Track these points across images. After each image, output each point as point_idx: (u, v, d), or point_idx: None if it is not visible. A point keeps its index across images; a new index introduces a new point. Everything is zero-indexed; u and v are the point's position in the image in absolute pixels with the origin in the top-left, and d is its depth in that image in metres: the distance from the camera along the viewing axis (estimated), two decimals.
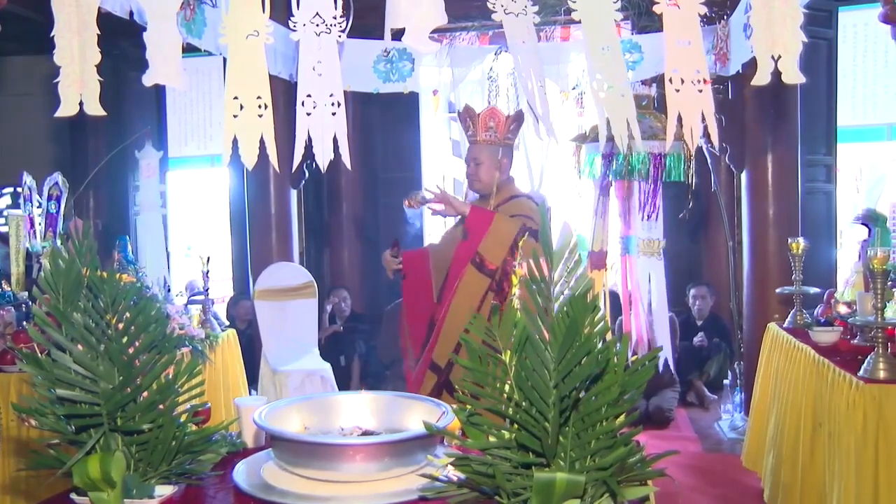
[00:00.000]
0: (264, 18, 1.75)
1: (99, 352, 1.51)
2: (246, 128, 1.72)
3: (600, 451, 1.34)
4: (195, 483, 1.64)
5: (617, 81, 1.74)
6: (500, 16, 2.00)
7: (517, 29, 1.99)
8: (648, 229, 4.84)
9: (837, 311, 3.54)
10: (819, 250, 5.15)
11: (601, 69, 1.74)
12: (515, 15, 1.97)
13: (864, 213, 3.84)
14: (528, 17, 2.01)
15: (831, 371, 2.91)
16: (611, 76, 1.73)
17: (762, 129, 4.90)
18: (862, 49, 5.60)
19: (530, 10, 2.01)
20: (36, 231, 4.08)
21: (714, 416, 5.22)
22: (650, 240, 4.85)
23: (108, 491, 1.45)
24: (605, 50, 1.74)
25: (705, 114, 1.57)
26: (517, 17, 1.98)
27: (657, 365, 3.65)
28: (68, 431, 1.52)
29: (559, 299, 1.38)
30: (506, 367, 1.39)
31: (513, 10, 1.97)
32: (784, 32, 1.54)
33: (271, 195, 5.42)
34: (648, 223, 4.82)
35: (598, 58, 1.75)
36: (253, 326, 5.20)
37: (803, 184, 5.07)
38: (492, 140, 3.22)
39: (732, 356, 5.44)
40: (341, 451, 1.59)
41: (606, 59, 1.73)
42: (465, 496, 1.43)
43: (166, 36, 1.82)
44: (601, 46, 1.74)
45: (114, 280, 1.57)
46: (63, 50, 1.75)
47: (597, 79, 1.76)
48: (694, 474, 4.13)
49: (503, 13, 1.99)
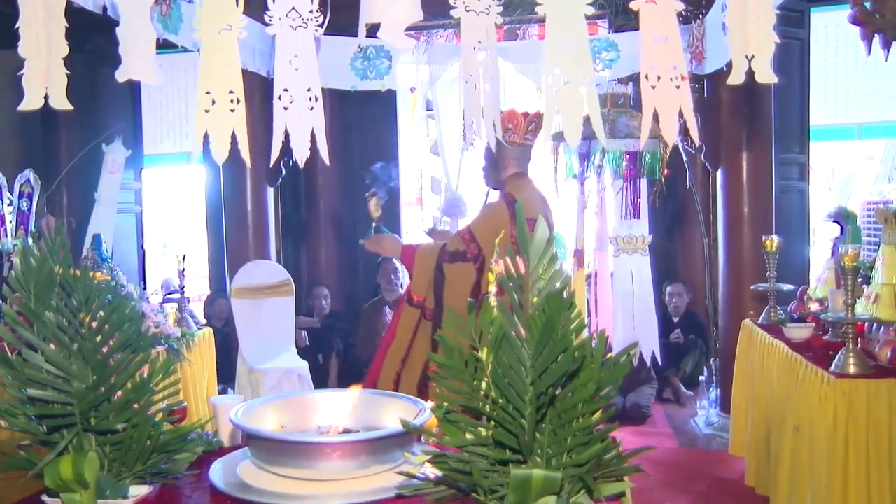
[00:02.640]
0: (238, 13, 1.73)
1: (72, 351, 1.49)
2: (217, 122, 1.70)
3: (577, 448, 1.35)
4: (171, 483, 1.62)
5: (578, 77, 1.71)
6: (459, 12, 1.92)
7: (475, 28, 1.90)
8: (629, 227, 4.87)
9: (810, 307, 3.59)
10: (793, 248, 5.21)
11: (560, 63, 1.72)
12: (476, 13, 1.90)
13: (837, 210, 3.90)
14: (491, 18, 1.93)
15: (803, 366, 2.95)
16: (570, 71, 1.71)
17: (737, 128, 4.95)
18: (833, 49, 5.67)
19: (494, 11, 1.94)
20: (7, 229, 4.01)
21: (690, 413, 5.27)
22: (632, 237, 4.88)
23: (81, 492, 1.44)
24: (570, 44, 1.71)
25: (683, 110, 1.57)
26: (478, 16, 1.90)
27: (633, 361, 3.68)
28: (40, 432, 1.50)
29: (535, 296, 1.39)
30: (482, 364, 1.39)
31: (475, 8, 1.90)
32: (757, 32, 1.55)
33: (247, 193, 5.38)
34: (629, 221, 4.85)
35: (559, 53, 1.73)
36: (229, 325, 5.17)
37: (777, 182, 5.13)
38: (512, 141, 3.29)
39: (708, 353, 5.50)
40: (318, 449, 1.59)
41: (568, 54, 1.71)
42: (443, 493, 1.43)
43: (140, 31, 1.79)
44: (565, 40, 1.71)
45: (87, 278, 1.55)
46: (28, 41, 1.72)
47: (554, 73, 1.73)
48: (670, 470, 4.16)
49: (464, 10, 1.91)
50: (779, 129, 5.12)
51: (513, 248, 1.44)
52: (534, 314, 1.33)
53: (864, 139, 5.84)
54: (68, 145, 6.07)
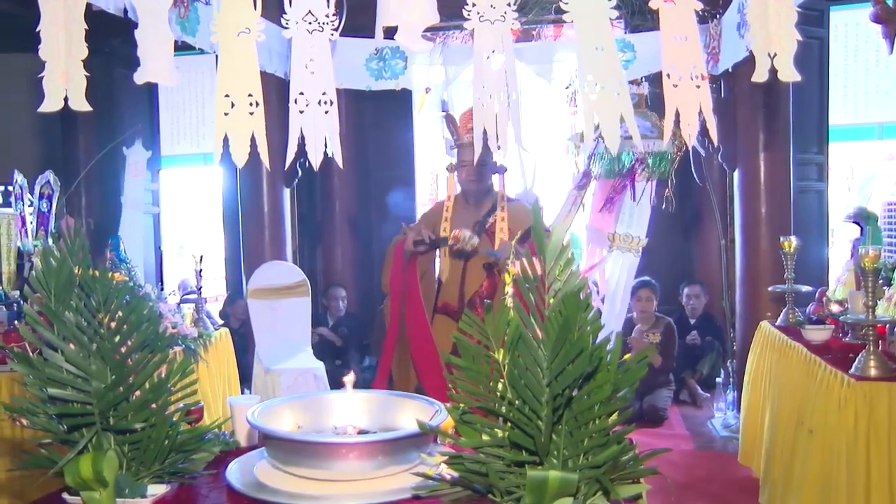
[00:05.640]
0: (256, 15, 1.74)
1: (91, 351, 1.51)
2: (237, 125, 1.71)
3: (593, 450, 1.34)
4: (188, 482, 1.63)
5: (610, 81, 1.72)
6: (473, 23, 1.86)
7: (489, 38, 1.86)
8: (628, 225, 4.91)
9: (829, 309, 3.55)
10: (811, 249, 5.17)
11: (592, 69, 1.73)
12: (491, 22, 1.85)
13: (856, 211, 3.86)
14: (507, 24, 1.89)
15: (822, 369, 2.92)
16: (602, 76, 1.72)
17: (754, 128, 4.92)
18: (853, 48, 5.62)
19: (510, 17, 1.89)
20: (27, 230, 4.06)
21: (707, 415, 5.24)
22: (629, 235, 4.92)
23: (101, 490, 1.45)
24: (599, 50, 1.72)
25: (703, 109, 1.57)
26: (493, 25, 1.85)
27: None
28: (60, 431, 1.51)
29: (552, 298, 1.39)
30: (499, 365, 1.39)
31: (489, 17, 1.86)
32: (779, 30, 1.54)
33: (264, 194, 5.40)
34: (629, 220, 4.90)
35: (589, 58, 1.73)
36: (246, 325, 5.19)
37: (795, 182, 5.09)
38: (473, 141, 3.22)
39: (725, 354, 5.46)
40: (335, 449, 1.59)
41: (599, 60, 1.71)
42: (459, 494, 1.43)
43: (158, 33, 1.81)
44: (594, 46, 1.72)
45: (106, 279, 1.57)
46: (49, 44, 1.74)
47: (587, 80, 1.74)
48: (686, 472, 4.14)
49: (478, 20, 1.86)
50: (797, 129, 5.08)
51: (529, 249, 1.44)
52: (550, 315, 1.33)
53: (884, 139, 5.78)
54: (86, 147, 6.14)
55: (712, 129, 1.61)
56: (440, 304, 3.36)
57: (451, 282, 3.32)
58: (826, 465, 2.81)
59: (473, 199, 3.37)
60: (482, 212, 3.36)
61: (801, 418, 3.09)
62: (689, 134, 1.57)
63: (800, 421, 3.09)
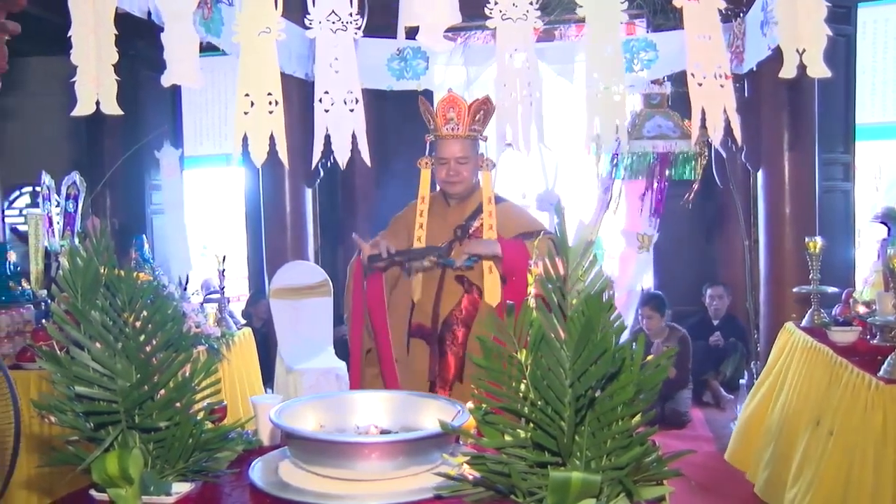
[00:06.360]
0: (276, 15, 1.75)
1: (116, 350, 1.52)
2: (256, 124, 1.72)
3: (616, 451, 1.34)
4: (212, 480, 1.65)
5: (613, 83, 1.72)
6: (496, 22, 1.87)
7: (512, 36, 1.87)
8: (650, 225, 4.93)
9: (856, 310, 3.51)
10: (837, 249, 5.10)
11: (599, 69, 1.72)
12: (514, 20, 1.87)
13: (884, 211, 3.80)
14: (529, 23, 1.89)
15: (849, 371, 2.88)
16: (608, 77, 1.71)
17: (778, 128, 4.86)
18: (882, 45, 5.53)
19: (532, 15, 1.89)
20: (54, 230, 4.12)
21: (730, 416, 5.19)
22: (647, 234, 4.94)
23: (127, 488, 1.47)
24: (607, 50, 1.72)
25: (727, 108, 1.56)
26: (515, 23, 1.86)
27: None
28: (87, 428, 1.53)
29: (575, 298, 1.38)
30: (521, 365, 1.38)
31: (511, 16, 1.87)
32: (808, 26, 1.53)
33: (286, 194, 5.44)
34: (651, 219, 4.91)
35: (598, 58, 1.73)
36: (268, 325, 5.23)
37: (821, 182, 5.03)
38: (455, 134, 2.69)
39: (749, 356, 5.41)
40: (357, 449, 1.60)
41: (607, 60, 1.71)
42: (481, 495, 1.43)
43: (183, 36, 1.83)
44: (605, 46, 1.72)
45: (131, 278, 1.58)
46: (80, 49, 1.76)
47: (593, 78, 1.74)
48: (709, 474, 4.10)
49: (500, 19, 1.87)
50: (822, 129, 5.01)
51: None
52: (573, 316, 1.32)
53: None
54: (112, 148, 6.22)
55: (736, 128, 1.59)
56: (414, 326, 2.79)
57: (425, 299, 2.76)
58: (847, 467, 2.78)
59: (454, 200, 2.82)
60: (464, 214, 2.80)
61: (820, 420, 3.05)
62: (714, 134, 1.56)
63: (817, 422, 3.05)
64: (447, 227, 2.78)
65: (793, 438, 3.31)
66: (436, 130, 2.75)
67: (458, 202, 2.82)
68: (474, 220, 2.78)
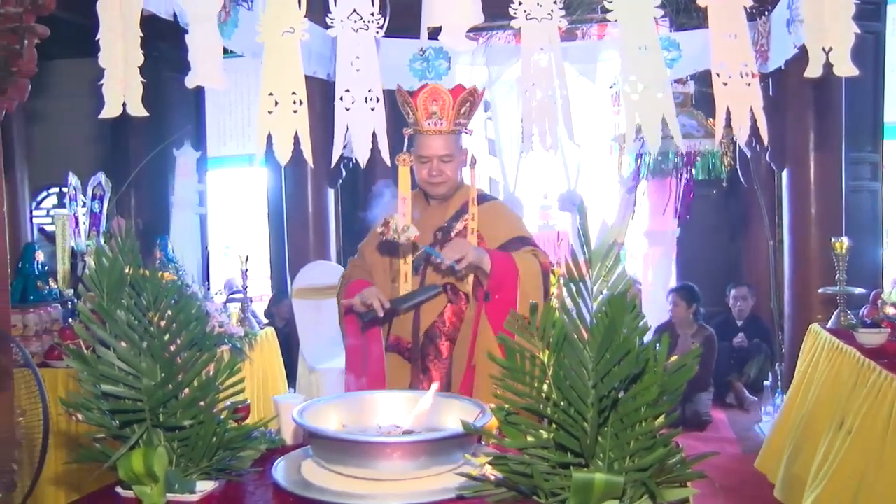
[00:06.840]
0: (300, 16, 1.76)
1: (141, 349, 1.54)
2: (280, 123, 1.73)
3: (639, 452, 1.33)
4: (235, 479, 1.66)
5: (653, 81, 1.70)
6: (520, 21, 1.86)
7: (537, 36, 1.86)
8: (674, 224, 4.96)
9: (884, 312, 3.46)
10: (864, 250, 5.03)
11: (636, 70, 1.71)
12: (538, 20, 1.86)
13: None
14: (554, 22, 1.88)
15: (876, 373, 2.84)
16: (646, 76, 1.70)
17: (804, 127, 4.80)
18: None
19: (556, 15, 1.87)
20: (80, 230, 4.17)
21: (754, 418, 5.14)
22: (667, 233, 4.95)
23: (152, 485, 1.48)
24: (642, 50, 1.70)
25: (754, 108, 1.54)
26: (539, 23, 1.85)
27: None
28: (113, 426, 1.54)
29: (598, 299, 1.37)
30: (544, 366, 1.38)
31: (536, 16, 1.85)
32: (836, 24, 1.50)
33: (308, 194, 5.46)
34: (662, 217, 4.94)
35: (633, 58, 1.71)
36: (291, 325, 5.25)
37: (848, 182, 4.96)
38: (439, 129, 2.44)
39: (773, 357, 5.36)
40: (379, 449, 1.60)
41: (642, 60, 1.70)
42: (503, 495, 1.42)
43: (208, 37, 1.84)
44: (638, 46, 1.70)
45: (156, 278, 1.60)
46: (107, 52, 1.79)
47: (630, 80, 1.72)
48: (732, 476, 4.07)
49: (524, 19, 1.86)
50: (850, 127, 4.94)
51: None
52: (596, 316, 1.32)
53: None
54: (136, 149, 6.28)
55: (763, 127, 1.57)
56: (391, 340, 2.59)
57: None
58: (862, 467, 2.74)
59: (436, 200, 2.60)
60: (446, 215, 2.58)
61: (843, 422, 3.01)
62: (739, 133, 1.54)
63: (840, 424, 3.01)
64: (427, 230, 2.53)
65: (815, 441, 3.27)
66: (416, 124, 2.46)
67: (440, 202, 2.59)
68: (457, 222, 2.56)
